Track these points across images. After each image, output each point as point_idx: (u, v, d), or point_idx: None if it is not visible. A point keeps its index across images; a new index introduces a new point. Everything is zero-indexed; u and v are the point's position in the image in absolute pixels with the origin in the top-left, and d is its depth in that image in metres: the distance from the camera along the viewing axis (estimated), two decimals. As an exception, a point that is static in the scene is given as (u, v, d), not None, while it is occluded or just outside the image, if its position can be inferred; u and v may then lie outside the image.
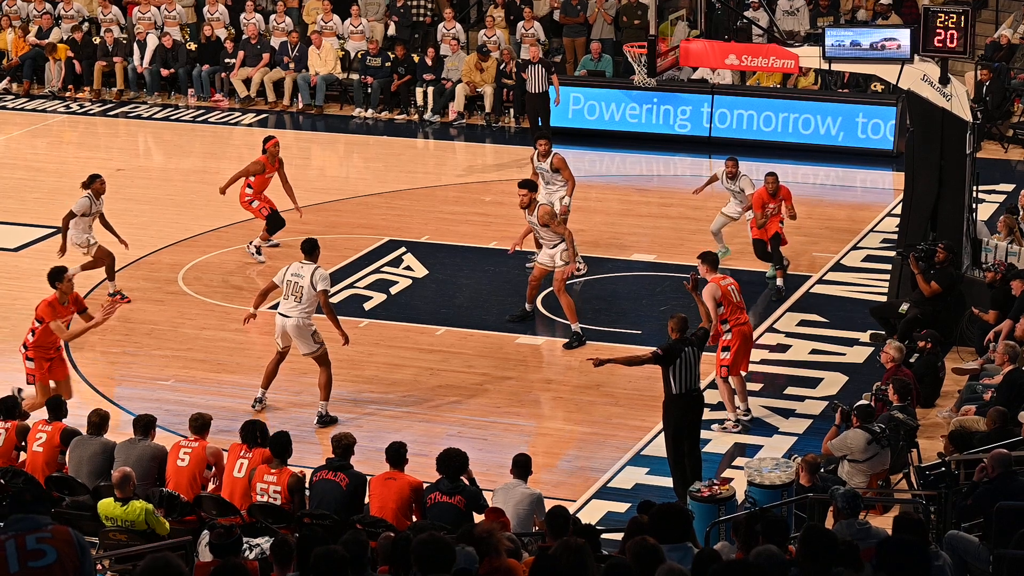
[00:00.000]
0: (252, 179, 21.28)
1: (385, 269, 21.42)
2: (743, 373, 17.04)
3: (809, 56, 18.97)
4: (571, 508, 14.27)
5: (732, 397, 16.79)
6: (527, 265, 20.31)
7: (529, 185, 19.10)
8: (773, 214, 20.39)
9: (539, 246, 19.28)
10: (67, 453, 14.11)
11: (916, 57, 18.20)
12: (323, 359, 16.99)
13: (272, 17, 31.12)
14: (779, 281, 20.41)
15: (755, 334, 19.08)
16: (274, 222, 21.48)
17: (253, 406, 17.22)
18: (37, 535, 8.33)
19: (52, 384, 16.65)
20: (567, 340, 18.89)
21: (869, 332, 18.92)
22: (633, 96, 27.33)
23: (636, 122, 27.65)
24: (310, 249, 17.23)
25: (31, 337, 16.69)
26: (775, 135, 26.93)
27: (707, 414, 15.92)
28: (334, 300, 20.05)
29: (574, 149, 22.15)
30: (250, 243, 21.60)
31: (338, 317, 17.09)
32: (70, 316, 16.74)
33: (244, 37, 30.79)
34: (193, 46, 31.09)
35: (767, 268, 20.77)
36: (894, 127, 26.24)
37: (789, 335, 19.25)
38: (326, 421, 16.98)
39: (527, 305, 19.53)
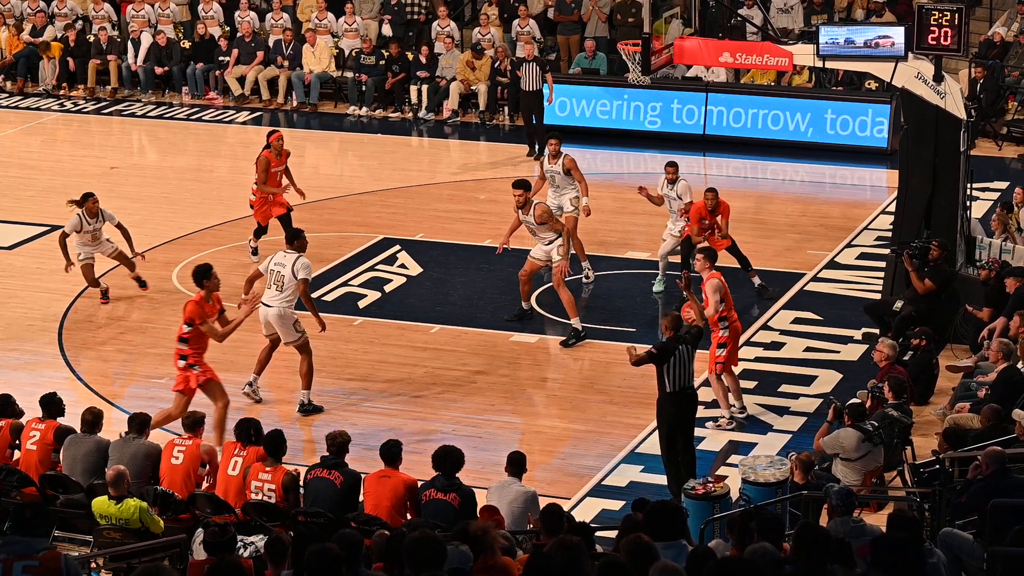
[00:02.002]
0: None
1: (379, 267, 21.41)
2: (735, 369, 17.04)
3: (803, 54, 19.00)
4: (565, 506, 14.27)
5: (726, 394, 16.80)
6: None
7: (524, 185, 19.07)
8: (709, 231, 20.06)
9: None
10: (61, 451, 14.09)
11: (910, 55, 18.22)
12: (304, 347, 17.05)
13: (269, 15, 31.08)
14: (756, 280, 20.29)
15: (749, 332, 19.14)
16: (259, 231, 21.29)
17: (243, 390, 17.25)
18: (25, 563, 8.28)
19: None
20: (564, 337, 18.84)
21: (862, 331, 18.92)
22: (627, 94, 27.32)
23: (630, 120, 27.64)
24: (292, 238, 17.31)
25: (184, 346, 15.95)
26: (769, 133, 26.93)
27: (701, 412, 15.93)
28: (329, 298, 20.08)
29: (568, 147, 22.08)
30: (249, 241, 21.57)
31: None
32: (215, 315, 16.19)
33: (238, 35, 30.77)
34: (187, 44, 31.07)
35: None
36: (888, 125, 26.25)
37: (783, 333, 19.26)
38: (308, 410, 17.03)
39: (524, 304, 19.51)
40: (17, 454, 14.38)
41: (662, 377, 15.04)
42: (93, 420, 14.16)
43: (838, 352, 18.64)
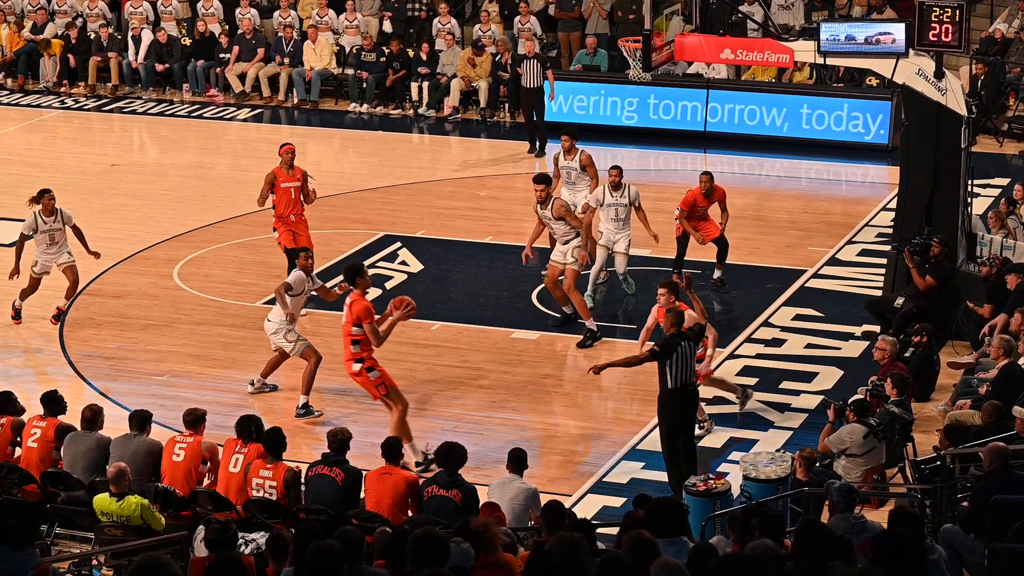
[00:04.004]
0: (273, 195, 19.54)
1: (380, 264, 21.41)
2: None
3: (804, 50, 18.98)
4: (567, 503, 14.28)
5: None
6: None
7: (545, 180, 18.82)
8: (702, 218, 19.97)
9: (553, 243, 19.16)
10: (62, 449, 14.09)
11: (911, 51, 18.21)
12: (307, 353, 16.94)
13: (277, 13, 31.01)
14: (717, 273, 20.23)
15: (750, 328, 19.17)
16: (290, 257, 19.49)
17: (248, 389, 17.42)
18: None
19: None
20: (582, 338, 18.74)
21: (861, 330, 18.88)
22: (628, 91, 27.31)
23: (631, 117, 27.65)
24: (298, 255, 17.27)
25: (358, 348, 15.57)
26: (770, 129, 26.94)
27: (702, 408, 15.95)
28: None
29: (569, 144, 22.13)
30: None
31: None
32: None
33: (239, 32, 30.76)
34: (188, 41, 31.06)
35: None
36: (889, 121, 26.24)
37: (784, 329, 19.26)
38: (302, 414, 16.86)
39: (565, 308, 19.15)
40: (18, 451, 14.38)
41: (664, 374, 15.02)
42: (92, 417, 14.15)
43: (839, 349, 18.64)
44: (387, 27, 30.94)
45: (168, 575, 8.15)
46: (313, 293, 17.55)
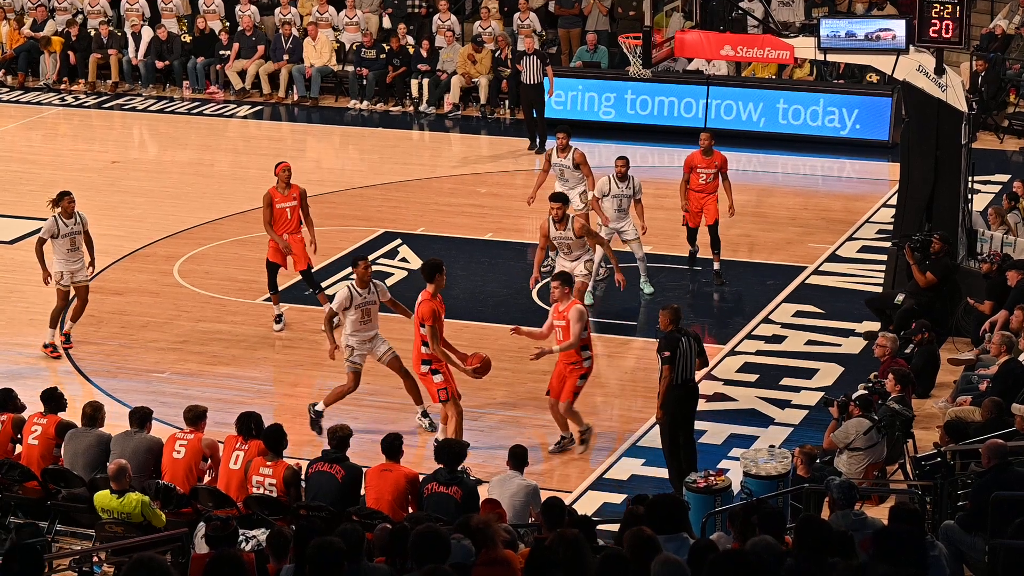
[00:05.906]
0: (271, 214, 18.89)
1: (381, 261, 21.40)
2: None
3: (804, 47, 18.98)
4: (567, 499, 14.28)
5: (571, 420, 16.14)
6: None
7: (563, 199, 18.45)
8: (708, 184, 19.90)
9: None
10: (62, 446, 14.09)
11: (911, 48, 18.20)
12: (350, 376, 16.56)
13: (278, 10, 30.99)
14: (716, 265, 20.26)
15: (750, 324, 19.18)
16: (270, 271, 19.12)
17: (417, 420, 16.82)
18: None
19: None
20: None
21: (864, 330, 18.86)
22: (628, 87, 27.30)
23: (631, 113, 27.64)
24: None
25: (427, 349, 15.50)
26: (770, 126, 26.94)
27: (702, 405, 15.94)
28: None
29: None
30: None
31: (331, 332, 16.69)
32: (443, 311, 15.71)
33: (239, 29, 30.75)
34: (188, 38, 31.06)
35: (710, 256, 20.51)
36: (889, 117, 26.23)
37: (785, 326, 19.26)
38: (312, 418, 16.53)
39: None
40: (19, 448, 14.38)
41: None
42: (93, 414, 14.14)
43: (839, 345, 18.64)
44: (387, 23, 30.93)
45: (162, 574, 8.13)
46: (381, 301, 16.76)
